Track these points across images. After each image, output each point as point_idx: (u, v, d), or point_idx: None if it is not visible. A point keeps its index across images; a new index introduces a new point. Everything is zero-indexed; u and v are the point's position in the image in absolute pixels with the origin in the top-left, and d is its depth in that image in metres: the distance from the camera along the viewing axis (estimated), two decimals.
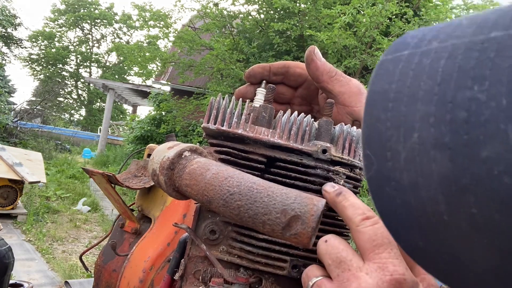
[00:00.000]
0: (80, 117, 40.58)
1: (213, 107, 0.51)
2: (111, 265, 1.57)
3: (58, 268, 4.69)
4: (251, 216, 0.37)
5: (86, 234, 6.34)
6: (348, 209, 0.44)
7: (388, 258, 0.40)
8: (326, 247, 0.43)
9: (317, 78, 0.59)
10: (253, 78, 0.63)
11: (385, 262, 0.39)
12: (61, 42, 38.05)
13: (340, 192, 0.46)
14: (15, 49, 26.94)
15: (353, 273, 0.40)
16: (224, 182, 0.39)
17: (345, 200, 0.45)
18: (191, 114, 10.90)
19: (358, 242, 0.42)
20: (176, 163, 0.44)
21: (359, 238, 0.42)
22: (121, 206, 1.58)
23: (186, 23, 11.63)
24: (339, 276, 0.41)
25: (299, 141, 0.49)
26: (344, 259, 0.41)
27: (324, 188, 0.48)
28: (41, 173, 6.33)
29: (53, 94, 23.36)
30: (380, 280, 0.38)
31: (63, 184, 9.63)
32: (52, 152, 14.49)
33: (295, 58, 9.40)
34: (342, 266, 0.41)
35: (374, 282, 0.38)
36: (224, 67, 9.54)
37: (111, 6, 38.71)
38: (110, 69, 39.90)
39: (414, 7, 9.51)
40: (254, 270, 0.48)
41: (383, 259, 0.40)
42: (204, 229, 0.49)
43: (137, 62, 11.35)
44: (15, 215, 6.24)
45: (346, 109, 0.59)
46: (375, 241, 0.41)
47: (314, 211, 0.35)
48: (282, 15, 10.25)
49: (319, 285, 0.42)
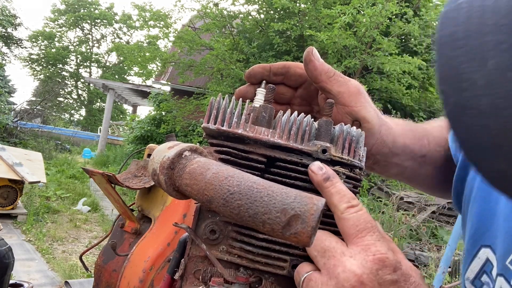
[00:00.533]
0: (80, 117, 40.61)
1: (213, 107, 0.51)
2: (111, 265, 1.57)
3: (58, 268, 4.69)
4: (251, 215, 0.37)
5: (86, 234, 6.34)
6: (334, 196, 0.45)
7: (370, 240, 0.42)
8: None
9: (315, 78, 0.59)
10: (253, 78, 0.63)
11: (368, 244, 0.42)
12: (61, 42, 38.07)
13: (327, 177, 0.46)
14: (15, 49, 26.97)
15: (338, 258, 0.42)
16: (224, 182, 0.39)
17: (332, 186, 0.46)
18: (191, 114, 10.90)
19: (342, 228, 0.44)
20: (176, 163, 0.44)
21: (343, 224, 0.44)
22: (121, 206, 1.58)
23: (186, 23, 11.63)
24: (325, 265, 0.43)
25: (299, 141, 0.49)
26: (327, 247, 0.43)
27: (311, 168, 0.47)
28: (41, 173, 6.33)
29: (53, 94, 23.36)
30: (363, 260, 0.41)
31: (63, 184, 9.64)
32: (52, 152, 14.50)
33: (295, 58, 9.40)
34: (327, 254, 0.43)
35: (358, 263, 0.41)
36: (224, 67, 9.54)
37: (111, 6, 38.72)
38: (110, 69, 39.91)
39: (414, 7, 9.51)
40: (254, 270, 0.48)
41: (365, 241, 0.42)
42: (204, 229, 0.50)
43: (137, 62, 11.35)
44: (15, 215, 6.24)
45: (346, 109, 0.59)
46: (358, 226, 0.43)
47: (314, 210, 0.35)
48: (282, 15, 10.25)
49: (310, 279, 0.43)
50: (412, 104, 9.80)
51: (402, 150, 0.68)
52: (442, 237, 6.35)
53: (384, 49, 8.37)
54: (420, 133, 0.72)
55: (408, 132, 0.69)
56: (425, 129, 0.74)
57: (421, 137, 0.71)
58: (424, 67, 8.72)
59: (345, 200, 0.45)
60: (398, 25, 8.68)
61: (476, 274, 0.57)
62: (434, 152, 0.73)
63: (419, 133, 0.72)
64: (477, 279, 0.57)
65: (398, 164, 0.69)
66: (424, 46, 9.47)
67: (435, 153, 0.73)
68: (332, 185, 0.46)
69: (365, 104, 0.59)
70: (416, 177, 0.75)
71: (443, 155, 0.75)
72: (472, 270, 0.57)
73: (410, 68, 8.15)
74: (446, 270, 3.26)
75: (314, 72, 0.59)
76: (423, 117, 9.90)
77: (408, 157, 0.69)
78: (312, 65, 0.58)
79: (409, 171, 0.72)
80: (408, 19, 8.95)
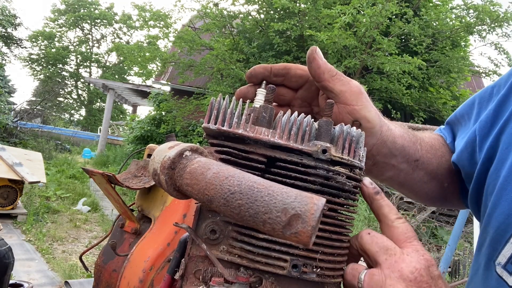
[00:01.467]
0: (80, 117, 40.59)
1: (213, 107, 0.51)
2: (111, 265, 1.57)
3: (58, 268, 4.69)
4: (251, 215, 0.37)
5: (86, 234, 6.34)
6: (384, 208, 0.54)
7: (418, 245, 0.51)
8: (371, 238, 0.52)
9: (318, 76, 0.59)
10: (254, 78, 0.64)
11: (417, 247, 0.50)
12: (61, 42, 38.05)
13: (378, 191, 0.54)
14: (15, 49, 26.96)
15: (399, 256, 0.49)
16: (224, 181, 0.39)
17: (382, 200, 0.54)
18: (191, 114, 10.90)
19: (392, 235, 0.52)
20: (177, 163, 0.44)
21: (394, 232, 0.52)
22: (121, 206, 1.58)
23: (186, 23, 11.63)
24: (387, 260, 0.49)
25: (299, 141, 0.49)
26: (389, 246, 0.50)
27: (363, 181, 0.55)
28: (41, 173, 6.33)
29: (53, 94, 23.37)
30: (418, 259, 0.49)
31: (63, 184, 9.63)
32: (52, 152, 14.50)
33: (295, 58, 9.41)
34: (388, 252, 0.50)
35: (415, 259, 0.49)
36: (224, 67, 9.54)
37: (111, 6, 38.70)
38: (110, 69, 39.89)
39: (414, 7, 9.51)
40: (255, 270, 0.48)
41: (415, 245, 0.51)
42: (205, 228, 0.50)
43: (137, 62, 11.36)
44: (15, 215, 6.24)
45: (347, 108, 0.60)
46: (406, 233, 0.52)
47: (315, 210, 0.35)
48: (282, 15, 10.25)
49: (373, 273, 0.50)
50: (412, 104, 9.80)
51: (400, 152, 0.68)
52: (442, 237, 6.35)
53: (384, 49, 8.38)
54: (414, 137, 0.73)
55: (404, 134, 0.70)
56: (417, 135, 0.75)
57: (415, 141, 0.73)
58: (424, 67, 8.72)
59: (394, 212, 0.53)
60: (398, 25, 8.68)
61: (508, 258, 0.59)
62: (426, 158, 0.74)
63: (413, 136, 0.73)
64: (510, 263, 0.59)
65: (395, 166, 0.70)
66: (424, 46, 9.47)
67: (426, 159, 0.75)
68: (382, 198, 0.54)
69: (366, 104, 0.60)
70: (408, 181, 0.76)
71: (434, 162, 0.76)
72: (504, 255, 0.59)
73: (410, 68, 8.16)
74: (446, 270, 3.26)
75: (318, 70, 0.59)
76: (423, 117, 9.90)
77: (404, 159, 0.70)
78: (315, 63, 0.59)
79: (403, 175, 0.73)
80: (408, 19, 8.95)
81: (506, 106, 0.68)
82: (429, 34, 9.50)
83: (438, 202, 0.85)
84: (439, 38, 9.95)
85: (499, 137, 0.66)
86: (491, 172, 0.65)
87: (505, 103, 0.68)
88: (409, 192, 0.82)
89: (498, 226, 0.61)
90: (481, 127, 0.71)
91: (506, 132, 0.65)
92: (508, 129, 0.65)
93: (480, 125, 0.71)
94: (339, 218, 0.52)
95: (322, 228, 0.48)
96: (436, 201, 0.85)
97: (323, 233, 0.48)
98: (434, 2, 10.54)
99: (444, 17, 9.99)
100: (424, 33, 9.31)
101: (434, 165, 0.76)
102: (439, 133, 0.85)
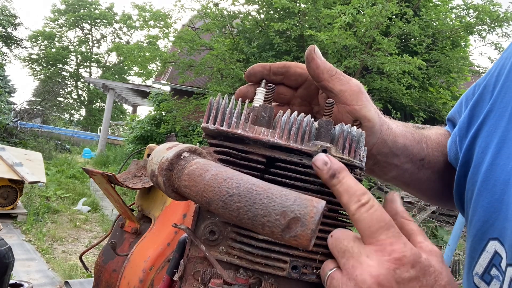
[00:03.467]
0: (80, 117, 40.60)
1: (212, 107, 0.51)
2: (111, 265, 1.57)
3: (58, 268, 4.69)
4: (250, 218, 0.37)
5: (86, 234, 6.34)
6: (343, 196, 0.44)
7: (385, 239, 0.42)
8: (332, 241, 0.45)
9: (317, 76, 0.58)
10: (253, 77, 0.63)
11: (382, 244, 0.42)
12: (61, 42, 38.06)
13: (333, 173, 0.44)
14: (15, 49, 26.97)
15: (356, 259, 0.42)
16: (223, 184, 0.39)
17: (339, 184, 0.44)
18: (191, 114, 10.90)
19: (357, 228, 0.44)
20: (175, 164, 0.44)
21: (357, 225, 0.43)
22: (121, 206, 1.58)
23: (186, 23, 11.64)
24: (345, 265, 0.43)
25: (299, 141, 0.49)
26: (346, 248, 0.44)
27: (315, 163, 0.45)
28: (41, 173, 6.33)
29: (53, 94, 23.37)
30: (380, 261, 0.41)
31: (63, 184, 9.63)
32: (52, 152, 14.50)
33: (295, 58, 9.40)
34: (346, 255, 0.43)
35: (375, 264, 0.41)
36: (224, 67, 9.54)
37: (111, 6, 38.71)
38: (110, 69, 39.90)
39: (414, 7, 9.51)
40: (254, 271, 0.48)
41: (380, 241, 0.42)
42: (204, 229, 0.49)
43: (137, 62, 11.36)
44: (15, 215, 6.24)
45: (347, 108, 0.59)
46: (371, 227, 0.42)
47: (314, 213, 0.35)
48: (282, 15, 10.25)
49: (332, 277, 0.44)
50: (412, 104, 9.80)
51: (402, 151, 0.67)
52: (442, 237, 6.35)
53: (384, 49, 8.37)
54: (418, 136, 0.71)
55: (407, 133, 0.69)
56: (422, 133, 0.73)
57: (419, 140, 0.71)
58: (424, 67, 8.71)
59: (355, 200, 0.43)
60: (398, 25, 8.68)
61: (485, 268, 0.56)
62: (433, 156, 0.72)
63: (417, 135, 0.71)
64: (486, 273, 0.56)
65: (398, 166, 0.69)
66: (424, 46, 9.47)
67: (433, 158, 0.73)
68: (339, 182, 0.44)
69: (366, 103, 0.59)
70: (414, 181, 0.74)
71: (441, 160, 0.74)
72: (481, 264, 0.57)
73: (410, 68, 8.15)
74: None
75: (316, 70, 0.58)
76: (423, 117, 9.90)
77: (408, 159, 0.69)
78: (314, 63, 0.58)
79: (408, 175, 0.71)
80: (408, 19, 8.95)
81: (480, 108, 0.67)
82: (429, 34, 9.50)
83: (448, 202, 0.79)
84: (439, 38, 9.95)
85: (474, 140, 0.65)
86: (469, 177, 0.64)
87: (478, 105, 0.67)
88: (416, 192, 0.80)
89: (475, 233, 0.59)
90: (459, 128, 0.70)
91: (481, 135, 0.63)
92: (483, 133, 0.63)
93: (459, 126, 0.70)
94: (339, 219, 0.51)
95: (322, 229, 0.48)
96: (446, 201, 0.80)
97: (323, 234, 0.48)
98: (434, 2, 10.54)
99: (444, 17, 9.99)
100: (424, 33, 9.31)
101: (442, 163, 0.73)
102: (447, 129, 0.82)
